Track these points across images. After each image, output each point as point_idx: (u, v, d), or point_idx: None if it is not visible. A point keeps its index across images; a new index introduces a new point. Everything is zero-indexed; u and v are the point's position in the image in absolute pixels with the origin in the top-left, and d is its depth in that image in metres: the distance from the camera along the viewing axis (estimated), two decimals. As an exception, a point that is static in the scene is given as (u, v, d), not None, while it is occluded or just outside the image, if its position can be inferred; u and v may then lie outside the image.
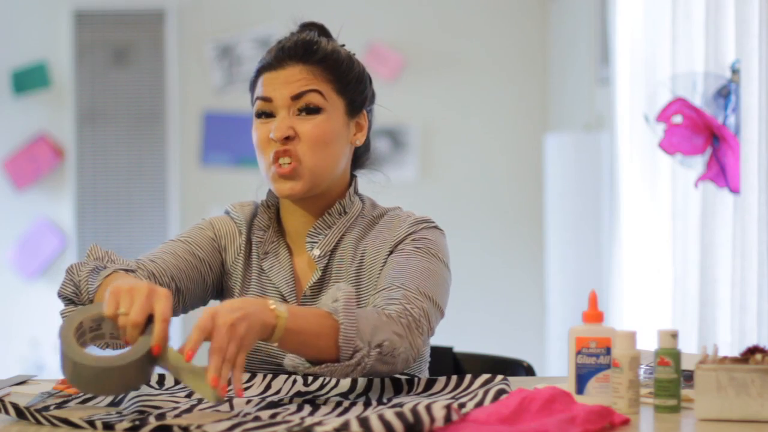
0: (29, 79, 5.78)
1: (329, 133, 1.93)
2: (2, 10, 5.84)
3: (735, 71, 3.07)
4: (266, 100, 1.94)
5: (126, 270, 1.84)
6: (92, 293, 1.81)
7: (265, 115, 1.94)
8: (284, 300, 1.97)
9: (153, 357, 1.57)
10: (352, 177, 2.04)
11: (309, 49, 1.95)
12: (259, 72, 1.97)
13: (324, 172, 1.94)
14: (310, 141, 1.91)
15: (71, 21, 5.79)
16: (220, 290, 2.04)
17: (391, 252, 1.93)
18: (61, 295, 1.85)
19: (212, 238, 2.02)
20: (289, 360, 1.69)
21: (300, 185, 1.92)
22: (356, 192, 2.03)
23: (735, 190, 3.06)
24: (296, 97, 1.92)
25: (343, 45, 2.03)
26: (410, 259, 1.89)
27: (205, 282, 2.00)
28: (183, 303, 1.97)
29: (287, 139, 1.91)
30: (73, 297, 1.83)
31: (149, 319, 1.58)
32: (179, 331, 5.13)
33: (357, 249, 1.97)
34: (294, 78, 1.93)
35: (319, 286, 1.96)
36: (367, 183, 2.09)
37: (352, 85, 1.98)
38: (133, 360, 1.55)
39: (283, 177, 1.92)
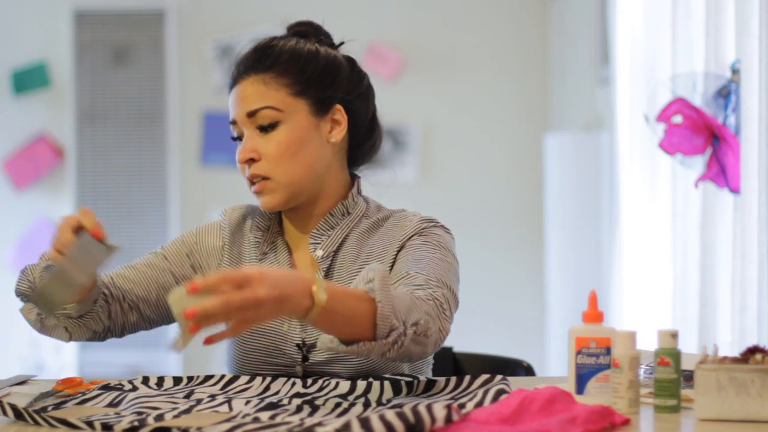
0: (29, 79, 5.78)
1: (292, 144, 1.92)
2: (2, 10, 5.84)
3: (735, 71, 3.06)
4: (233, 123, 1.96)
5: None
6: None
7: (238, 139, 1.97)
8: None
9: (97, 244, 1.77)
10: (354, 177, 2.04)
11: (260, 56, 1.94)
12: (229, 90, 1.99)
13: (299, 181, 1.93)
14: (273, 158, 1.92)
15: (71, 21, 5.79)
16: None
17: (400, 249, 1.93)
18: (18, 293, 1.91)
19: (187, 253, 2.03)
20: (324, 339, 1.66)
21: (276, 198, 1.93)
22: (359, 193, 2.03)
23: (735, 190, 3.06)
24: (251, 115, 1.93)
25: (320, 40, 2.00)
26: (423, 251, 1.89)
27: (166, 293, 2.00)
28: (149, 312, 2.00)
29: (252, 160, 1.92)
30: (28, 291, 1.89)
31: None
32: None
33: (362, 249, 1.96)
34: (246, 93, 1.93)
35: None
36: (370, 185, 2.09)
37: (313, 83, 1.94)
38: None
39: (260, 193, 1.94)
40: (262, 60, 1.93)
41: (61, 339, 1.93)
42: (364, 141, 2.04)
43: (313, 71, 1.95)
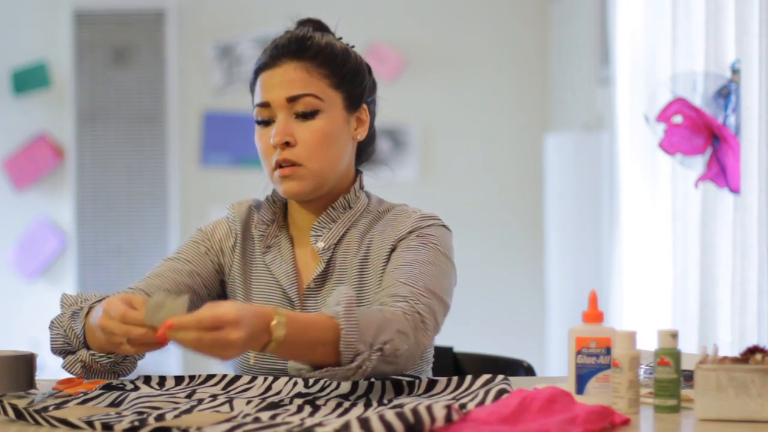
0: (29, 79, 5.78)
1: (329, 135, 1.93)
2: (2, 10, 5.84)
3: (735, 71, 3.07)
4: (264, 105, 1.94)
5: (99, 301, 1.86)
6: (80, 336, 1.85)
7: (265, 122, 1.95)
8: (285, 295, 1.97)
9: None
10: (357, 172, 2.05)
11: (302, 44, 1.94)
12: (257, 73, 1.97)
13: (328, 172, 1.94)
14: (310, 146, 1.92)
15: (71, 21, 5.79)
16: (223, 294, 2.05)
17: (394, 248, 1.93)
18: (55, 351, 1.88)
19: (205, 251, 2.02)
20: (292, 364, 1.69)
21: (303, 185, 1.93)
22: (362, 188, 2.03)
23: (735, 190, 3.06)
24: (292, 100, 1.92)
25: (340, 38, 2.03)
26: (415, 255, 1.89)
27: (198, 295, 2.00)
28: None
29: (287, 144, 1.91)
30: (66, 347, 1.87)
31: None
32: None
33: (362, 242, 1.97)
34: (289, 76, 1.92)
35: (323, 279, 1.96)
36: (370, 179, 2.09)
37: (348, 78, 1.96)
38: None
39: (286, 177, 1.92)
40: (306, 49, 1.94)
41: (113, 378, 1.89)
42: (368, 144, 2.06)
43: (349, 68, 1.97)
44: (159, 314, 1.57)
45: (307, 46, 1.94)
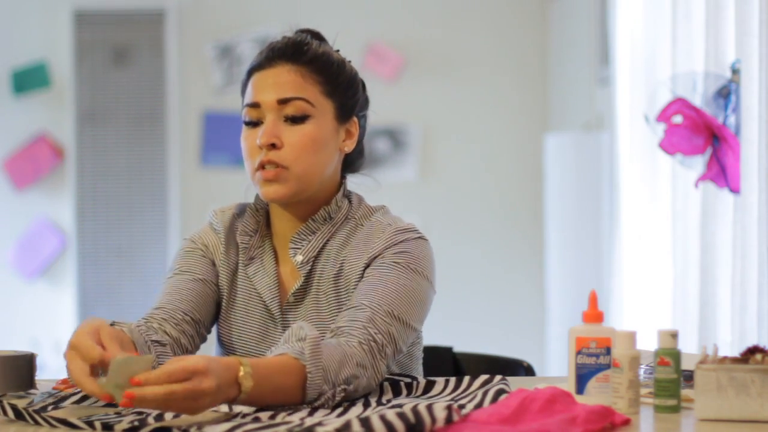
0: (29, 79, 5.78)
1: (317, 141, 1.90)
2: (2, 10, 5.84)
3: (735, 71, 3.07)
4: (254, 106, 1.91)
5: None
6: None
7: (253, 123, 1.92)
8: (267, 309, 1.95)
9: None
10: (342, 179, 2.01)
11: (299, 49, 1.93)
12: (250, 73, 1.95)
13: (311, 179, 1.91)
14: (296, 149, 1.88)
15: (71, 21, 5.79)
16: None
17: (368, 265, 1.89)
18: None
19: (202, 254, 1.99)
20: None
21: (285, 189, 1.89)
22: (345, 196, 1.99)
23: (735, 190, 3.06)
24: (283, 102, 1.89)
25: (338, 51, 2.01)
26: (385, 275, 1.84)
27: (214, 301, 1.98)
28: (205, 328, 1.96)
29: (273, 146, 1.89)
30: None
31: None
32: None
33: (338, 256, 1.93)
34: (282, 78, 1.90)
35: (302, 293, 1.92)
36: (357, 186, 2.06)
37: (341, 88, 1.94)
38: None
39: (269, 181, 1.89)
40: (302, 53, 1.92)
41: None
42: (356, 158, 2.03)
43: (343, 78, 1.95)
44: (125, 371, 1.52)
45: (304, 51, 1.92)
